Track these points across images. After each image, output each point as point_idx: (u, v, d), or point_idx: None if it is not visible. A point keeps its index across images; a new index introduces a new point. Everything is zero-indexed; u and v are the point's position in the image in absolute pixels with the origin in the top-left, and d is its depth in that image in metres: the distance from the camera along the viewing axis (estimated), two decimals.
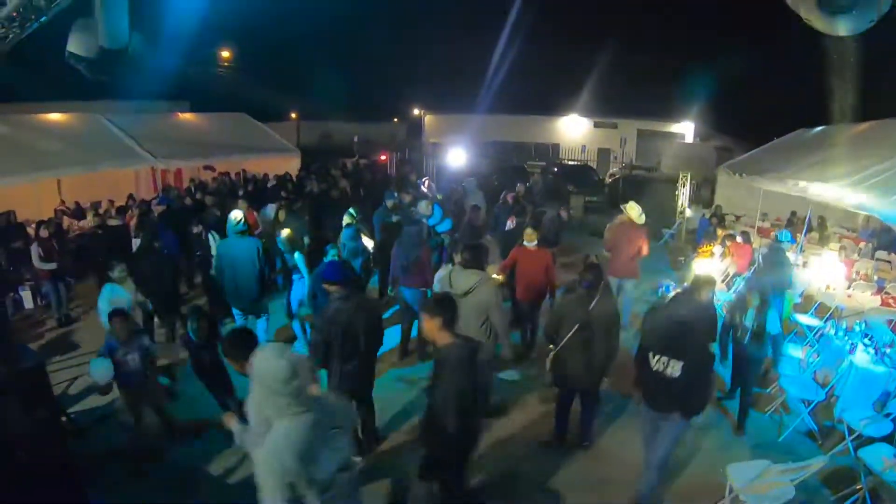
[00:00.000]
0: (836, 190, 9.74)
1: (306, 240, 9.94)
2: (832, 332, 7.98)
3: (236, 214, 8.02)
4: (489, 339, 6.29)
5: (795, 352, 7.97)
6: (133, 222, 11.72)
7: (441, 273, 6.92)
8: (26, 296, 10.88)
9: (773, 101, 26.80)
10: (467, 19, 41.58)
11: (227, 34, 34.57)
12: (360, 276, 9.56)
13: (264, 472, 3.09)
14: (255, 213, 11.80)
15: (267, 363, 3.08)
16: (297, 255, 8.70)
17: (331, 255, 8.12)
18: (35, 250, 10.06)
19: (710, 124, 36.44)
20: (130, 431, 6.22)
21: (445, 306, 4.48)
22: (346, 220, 10.31)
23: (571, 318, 6.03)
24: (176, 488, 5.84)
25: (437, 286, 6.78)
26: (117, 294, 7.38)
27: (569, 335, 6.00)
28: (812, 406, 6.87)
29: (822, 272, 10.93)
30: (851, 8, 2.99)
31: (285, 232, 9.03)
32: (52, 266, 10.07)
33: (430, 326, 4.42)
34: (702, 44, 33.49)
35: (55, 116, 16.26)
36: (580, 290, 6.13)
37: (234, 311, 8.14)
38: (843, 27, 3.09)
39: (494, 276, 7.48)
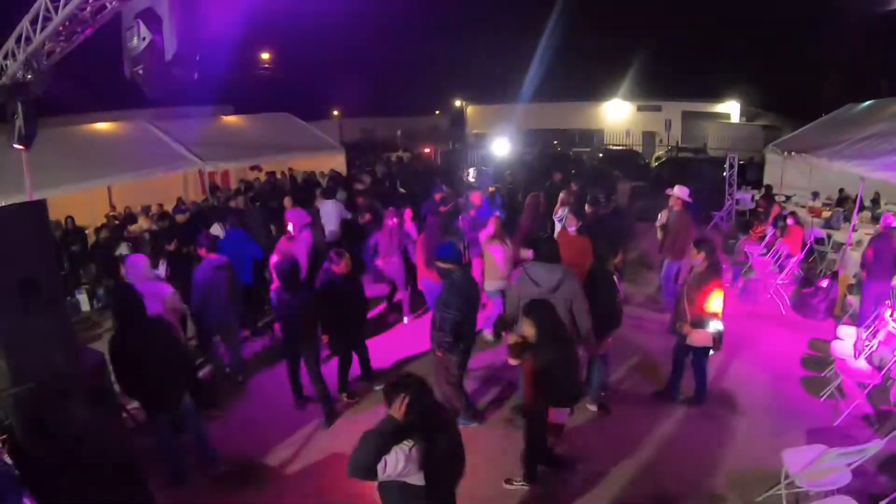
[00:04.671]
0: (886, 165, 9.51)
1: None
2: (887, 313, 7.78)
3: None
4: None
5: (850, 334, 7.81)
6: None
7: (521, 272, 6.56)
8: (83, 299, 11.14)
9: (820, 76, 26.19)
10: (506, 9, 41.38)
11: (266, 35, 35.02)
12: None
13: None
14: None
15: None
16: None
17: None
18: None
19: (755, 103, 35.75)
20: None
21: None
22: None
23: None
24: (232, 481, 6.01)
25: (514, 285, 6.48)
26: None
27: None
28: (868, 389, 6.74)
29: None
30: None
31: None
32: None
33: None
34: (744, 21, 32.83)
35: (103, 126, 16.64)
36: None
37: None
38: None
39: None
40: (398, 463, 3.33)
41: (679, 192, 10.10)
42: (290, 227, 9.69)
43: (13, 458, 4.23)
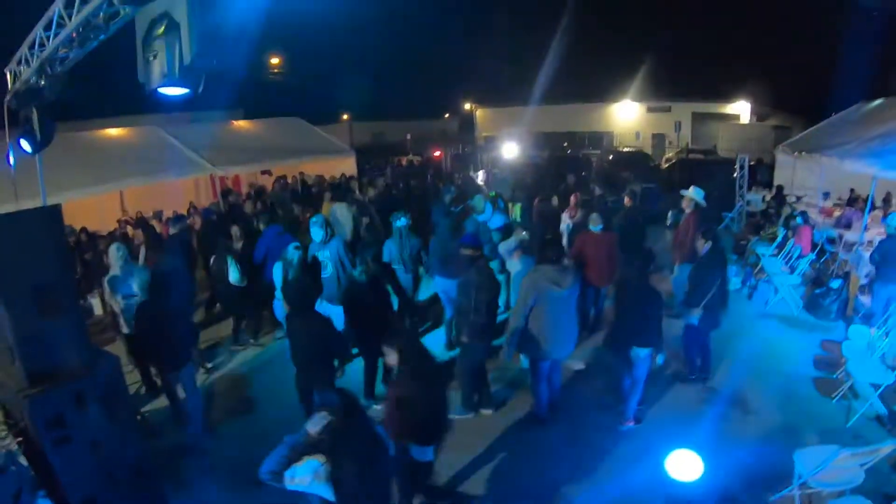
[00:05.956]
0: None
1: None
2: None
3: None
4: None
5: (863, 334, 7.77)
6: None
7: (535, 275, 6.38)
8: (96, 303, 11.26)
9: (830, 76, 26.05)
10: (515, 11, 41.41)
11: (276, 40, 35.15)
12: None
13: None
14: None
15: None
16: None
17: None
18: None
19: (765, 103, 35.60)
20: (198, 431, 6.48)
21: None
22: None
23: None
24: (246, 484, 6.01)
25: (532, 287, 6.23)
26: None
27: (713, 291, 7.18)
28: (881, 390, 6.71)
29: None
30: None
31: None
32: None
33: None
34: (753, 21, 32.73)
35: (114, 131, 16.75)
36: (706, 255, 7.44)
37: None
38: None
39: None
40: (305, 476, 3.26)
41: (693, 193, 10.03)
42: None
43: (29, 459, 4.27)
